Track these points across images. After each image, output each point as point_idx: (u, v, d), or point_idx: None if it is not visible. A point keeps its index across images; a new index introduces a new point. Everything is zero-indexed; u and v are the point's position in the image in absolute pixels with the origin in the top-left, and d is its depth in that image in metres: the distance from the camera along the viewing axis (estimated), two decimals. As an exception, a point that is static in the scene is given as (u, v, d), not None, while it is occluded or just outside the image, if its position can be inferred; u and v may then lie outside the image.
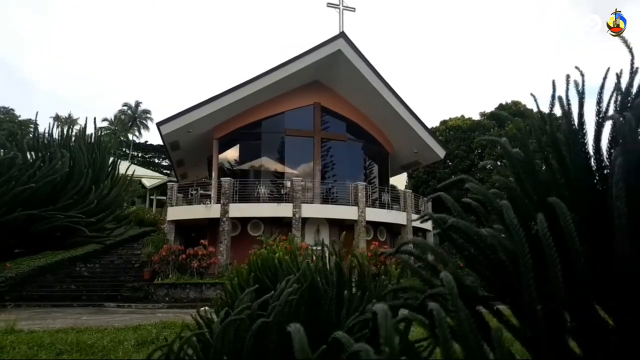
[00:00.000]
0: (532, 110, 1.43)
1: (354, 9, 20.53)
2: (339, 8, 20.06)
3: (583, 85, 1.29)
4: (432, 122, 55.01)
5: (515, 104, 33.83)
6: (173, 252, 16.09)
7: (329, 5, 20.16)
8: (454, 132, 32.89)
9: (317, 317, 1.77)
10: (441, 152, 22.48)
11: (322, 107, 20.81)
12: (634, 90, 1.21)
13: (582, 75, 1.32)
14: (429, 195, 25.45)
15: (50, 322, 11.30)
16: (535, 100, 1.44)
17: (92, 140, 4.16)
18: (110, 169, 4.13)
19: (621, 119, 1.02)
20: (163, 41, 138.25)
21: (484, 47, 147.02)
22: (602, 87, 1.24)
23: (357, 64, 19.13)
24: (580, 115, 1.23)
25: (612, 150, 1.11)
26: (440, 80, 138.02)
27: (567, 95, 1.27)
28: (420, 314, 1.00)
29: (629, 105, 1.19)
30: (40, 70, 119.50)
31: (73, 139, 3.91)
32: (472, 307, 0.99)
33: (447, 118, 35.17)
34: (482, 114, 34.58)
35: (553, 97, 1.31)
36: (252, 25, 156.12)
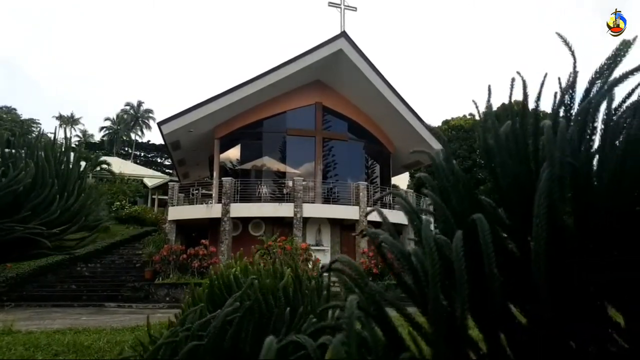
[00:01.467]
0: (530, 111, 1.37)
1: (356, 8, 20.48)
2: (341, 7, 20.00)
3: (525, 90, 1.31)
4: (434, 121, 54.97)
5: (518, 103, 33.75)
6: (174, 252, 16.06)
7: (331, 4, 20.10)
8: (456, 131, 32.83)
9: (262, 337, 1.73)
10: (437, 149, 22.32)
11: (323, 106, 20.75)
12: (575, 96, 1.21)
13: (524, 81, 1.33)
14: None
15: (49, 322, 11.27)
16: (477, 106, 1.41)
17: (63, 149, 4.09)
18: (78, 178, 4.05)
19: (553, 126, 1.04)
20: (166, 41, 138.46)
21: (487, 46, 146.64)
22: (539, 94, 1.25)
23: (359, 64, 19.06)
24: (523, 124, 1.25)
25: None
26: (443, 80, 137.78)
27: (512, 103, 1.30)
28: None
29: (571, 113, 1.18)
30: (43, 70, 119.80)
31: (40, 148, 3.83)
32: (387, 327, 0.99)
33: (449, 118, 35.11)
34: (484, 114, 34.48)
35: (488, 101, 1.32)
36: (254, 25, 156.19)
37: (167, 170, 52.42)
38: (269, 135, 20.67)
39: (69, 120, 67.81)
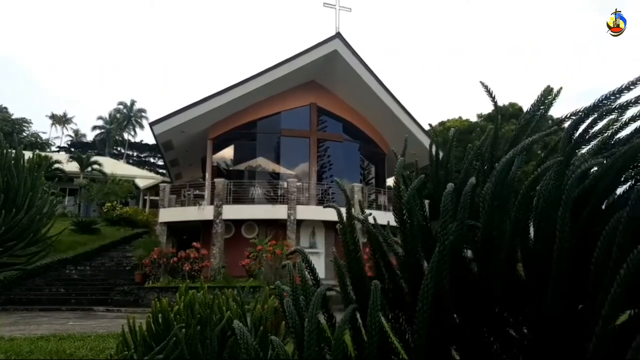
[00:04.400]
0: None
1: (350, 9, 20.32)
2: (335, 8, 19.81)
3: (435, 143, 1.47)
4: (430, 123, 54.88)
5: (512, 105, 33.84)
6: (164, 255, 15.74)
7: (326, 5, 19.92)
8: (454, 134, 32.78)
9: None
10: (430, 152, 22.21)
11: (318, 107, 20.56)
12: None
13: (433, 134, 1.56)
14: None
15: (34, 327, 10.96)
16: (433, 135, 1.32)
17: (20, 162, 3.77)
18: (30, 191, 3.73)
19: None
20: (160, 40, 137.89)
21: (482, 48, 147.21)
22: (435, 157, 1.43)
23: (353, 65, 18.94)
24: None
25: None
26: (439, 82, 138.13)
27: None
28: None
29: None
30: (36, 68, 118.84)
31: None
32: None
33: (444, 119, 35.07)
34: (480, 116, 34.59)
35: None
36: (249, 25, 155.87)
37: (160, 171, 52.01)
38: (264, 135, 20.45)
39: (61, 120, 67.21)
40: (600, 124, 1.22)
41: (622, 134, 1.21)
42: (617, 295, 0.84)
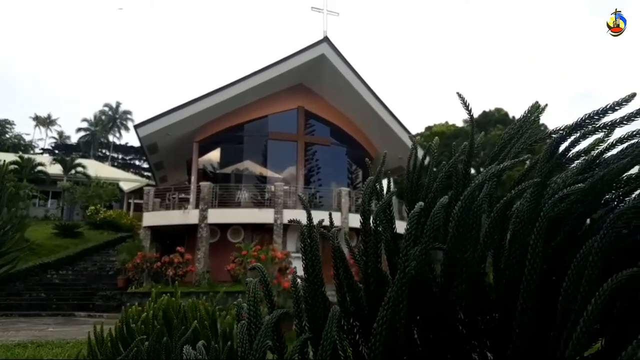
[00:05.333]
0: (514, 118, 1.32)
1: (338, 13, 20.35)
2: (323, 12, 19.80)
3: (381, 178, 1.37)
4: (417, 128, 55.23)
5: (498, 110, 34.16)
6: (148, 260, 15.50)
7: (313, 9, 19.91)
8: (439, 138, 32.96)
9: None
10: (424, 158, 22.31)
11: (305, 111, 20.50)
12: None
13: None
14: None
15: (13, 334, 10.71)
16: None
17: None
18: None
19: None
20: (147, 42, 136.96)
21: (469, 53, 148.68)
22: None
23: (341, 69, 18.94)
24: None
25: None
26: (426, 86, 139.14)
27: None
28: None
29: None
30: (19, 68, 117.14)
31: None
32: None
33: (431, 124, 35.27)
34: (466, 121, 34.84)
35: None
36: (236, 28, 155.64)
37: (145, 174, 51.41)
38: (251, 139, 20.32)
39: (45, 121, 66.19)
40: (584, 144, 1.18)
41: (609, 153, 1.17)
42: (583, 333, 0.81)
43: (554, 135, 1.18)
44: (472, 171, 1.43)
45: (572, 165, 1.22)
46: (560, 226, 1.07)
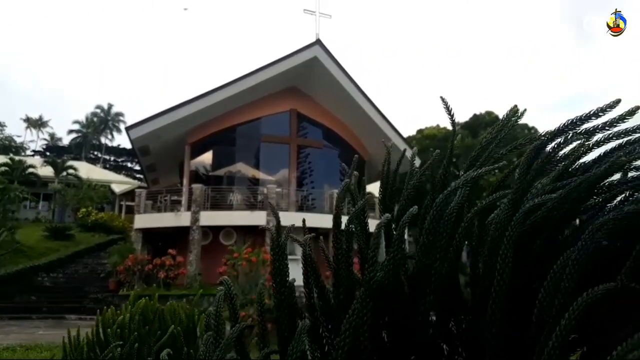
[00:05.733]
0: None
1: (330, 16, 20.42)
2: (316, 15, 19.88)
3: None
4: (409, 130, 55.42)
5: (489, 114, 34.37)
6: (139, 262, 15.46)
7: (306, 11, 19.98)
8: (430, 140, 33.15)
9: None
10: (416, 161, 22.39)
11: (298, 113, 20.55)
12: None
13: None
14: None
15: (2, 337, 10.63)
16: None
17: None
18: None
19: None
20: (140, 44, 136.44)
21: (460, 56, 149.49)
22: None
23: (333, 71, 19.01)
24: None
25: None
26: (418, 89, 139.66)
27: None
28: None
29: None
30: (9, 69, 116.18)
31: None
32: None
33: (423, 127, 35.44)
34: (457, 124, 35.10)
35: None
36: (229, 31, 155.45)
37: (137, 176, 51.17)
38: (243, 141, 20.31)
39: (36, 123, 65.67)
40: (566, 150, 1.14)
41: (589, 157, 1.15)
42: (555, 347, 0.79)
43: (537, 141, 1.15)
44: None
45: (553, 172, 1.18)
46: (538, 234, 1.04)
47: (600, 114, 1.06)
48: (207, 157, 20.61)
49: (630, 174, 1.11)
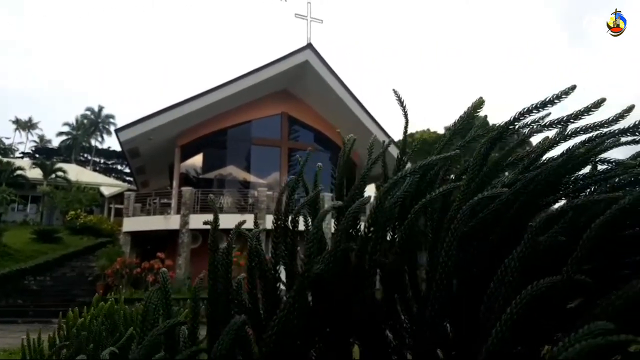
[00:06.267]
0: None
1: (322, 20, 20.47)
2: (307, 19, 19.91)
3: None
4: (399, 134, 55.56)
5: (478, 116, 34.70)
6: (127, 266, 15.33)
7: (297, 15, 20.00)
8: (420, 145, 33.36)
9: None
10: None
11: (289, 116, 20.57)
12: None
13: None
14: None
15: (-14, 342, 10.46)
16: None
17: None
18: None
19: None
20: (131, 47, 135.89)
21: (450, 60, 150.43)
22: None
23: (324, 75, 19.07)
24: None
25: None
26: (408, 94, 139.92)
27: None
28: None
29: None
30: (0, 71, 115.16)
31: None
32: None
33: (413, 131, 35.66)
34: (447, 128, 35.29)
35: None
36: (221, 34, 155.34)
37: (127, 178, 50.84)
38: (234, 144, 20.27)
39: (26, 125, 65.05)
40: (527, 140, 1.11)
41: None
42: (495, 344, 0.76)
43: (493, 132, 1.12)
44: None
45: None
46: (494, 228, 1.01)
47: (555, 101, 1.03)
48: (197, 160, 20.52)
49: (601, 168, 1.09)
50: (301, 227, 1.33)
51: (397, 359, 1.06)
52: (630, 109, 1.03)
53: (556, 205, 1.09)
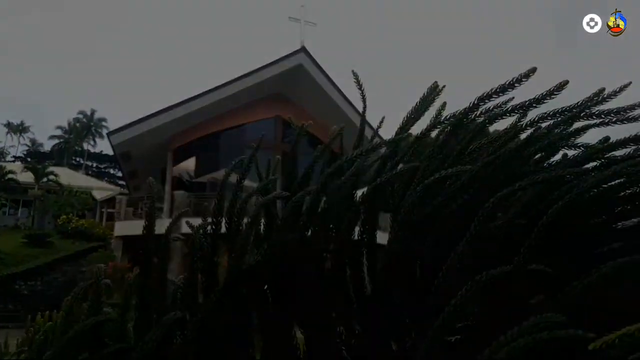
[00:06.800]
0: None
1: (315, 23, 20.53)
2: (300, 22, 19.94)
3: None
4: (393, 134, 55.65)
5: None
6: (119, 270, 15.20)
7: (291, 18, 20.03)
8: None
9: None
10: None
11: (283, 120, 20.51)
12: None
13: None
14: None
15: (-26, 348, 10.30)
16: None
17: None
18: None
19: None
20: (124, 50, 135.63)
21: (444, 61, 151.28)
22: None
23: (318, 79, 19.10)
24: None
25: None
26: (401, 94, 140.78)
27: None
28: None
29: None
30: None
31: None
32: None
33: (413, 131, 35.89)
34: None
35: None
36: (214, 37, 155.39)
37: (120, 182, 50.56)
38: (227, 147, 20.20)
39: (17, 129, 64.57)
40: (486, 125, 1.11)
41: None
42: (437, 331, 0.74)
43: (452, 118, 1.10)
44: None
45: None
46: (449, 220, 0.97)
47: (515, 84, 1.00)
48: (190, 164, 20.44)
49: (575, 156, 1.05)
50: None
51: (346, 350, 1.03)
52: (564, 84, 1.00)
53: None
